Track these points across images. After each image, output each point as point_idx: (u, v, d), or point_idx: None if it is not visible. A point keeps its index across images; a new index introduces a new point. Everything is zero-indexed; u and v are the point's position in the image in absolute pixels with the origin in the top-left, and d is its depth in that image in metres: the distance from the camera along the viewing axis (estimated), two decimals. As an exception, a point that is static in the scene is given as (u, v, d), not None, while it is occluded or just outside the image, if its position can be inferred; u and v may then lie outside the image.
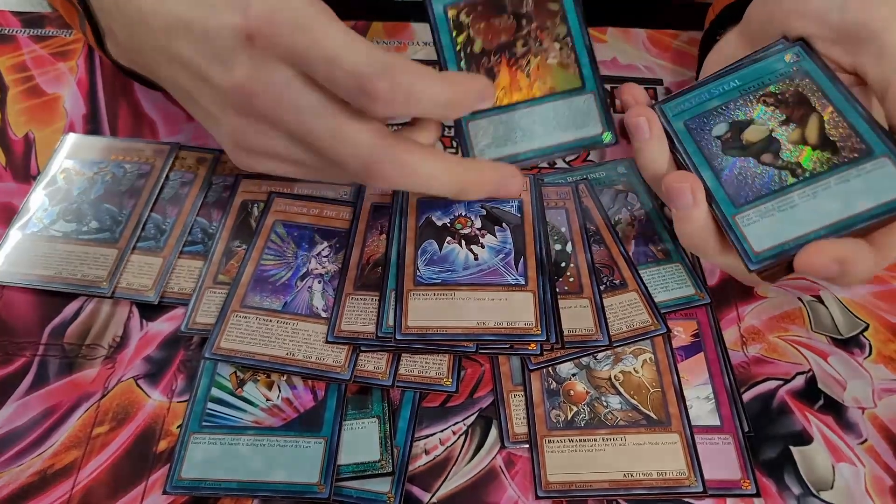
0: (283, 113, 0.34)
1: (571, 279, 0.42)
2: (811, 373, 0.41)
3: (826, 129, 0.37)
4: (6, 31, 0.55)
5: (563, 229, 0.44)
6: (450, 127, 0.47)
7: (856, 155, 0.35)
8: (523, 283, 0.40)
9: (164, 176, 0.47)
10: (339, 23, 0.32)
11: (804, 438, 0.38)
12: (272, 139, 0.35)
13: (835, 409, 0.39)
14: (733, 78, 0.40)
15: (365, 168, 0.34)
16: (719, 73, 0.40)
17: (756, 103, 0.39)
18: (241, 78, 0.33)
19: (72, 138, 0.49)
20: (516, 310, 0.39)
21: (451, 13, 0.42)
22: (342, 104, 0.33)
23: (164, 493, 0.36)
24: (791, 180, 0.36)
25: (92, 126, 0.50)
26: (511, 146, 0.39)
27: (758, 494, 0.36)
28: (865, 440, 0.38)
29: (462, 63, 0.41)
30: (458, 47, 0.41)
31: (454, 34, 0.42)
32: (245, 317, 0.41)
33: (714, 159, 0.38)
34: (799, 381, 0.40)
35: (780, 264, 0.35)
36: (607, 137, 0.39)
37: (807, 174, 0.36)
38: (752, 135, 0.38)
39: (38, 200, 0.46)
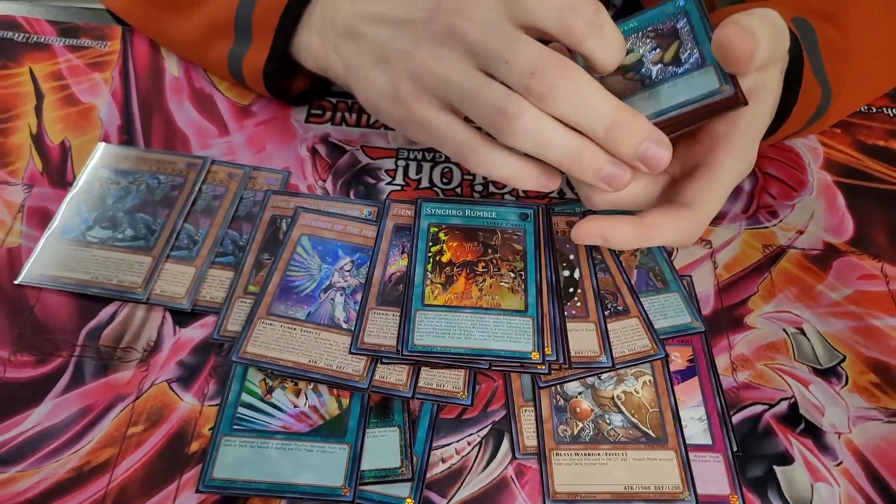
0: (476, 24, 0.38)
1: (579, 304, 0.45)
2: (794, 399, 0.44)
3: (680, 52, 0.42)
4: (43, 40, 0.57)
5: (572, 257, 0.47)
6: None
7: (691, 67, 0.41)
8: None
9: (197, 188, 0.49)
10: None
11: (786, 459, 0.42)
12: (455, 65, 0.40)
13: (814, 433, 0.43)
14: (632, 20, 0.44)
15: (543, 80, 0.37)
16: (627, 16, 0.45)
17: (642, 37, 0.43)
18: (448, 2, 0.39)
19: (107, 148, 0.51)
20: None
21: (433, 229, 0.48)
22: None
23: (197, 491, 0.38)
24: (639, 88, 0.42)
25: (126, 137, 0.52)
26: (447, 339, 0.43)
27: (744, 509, 0.40)
28: (841, 462, 0.42)
29: (429, 266, 0.46)
30: (430, 254, 0.47)
31: (430, 244, 0.47)
32: (271, 324, 0.43)
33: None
34: (783, 406, 0.44)
35: None
36: (536, 356, 0.42)
37: (652, 83, 0.42)
38: (627, 59, 0.43)
39: (74, 206, 0.48)
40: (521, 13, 0.38)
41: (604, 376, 0.43)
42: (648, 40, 0.43)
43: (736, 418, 0.43)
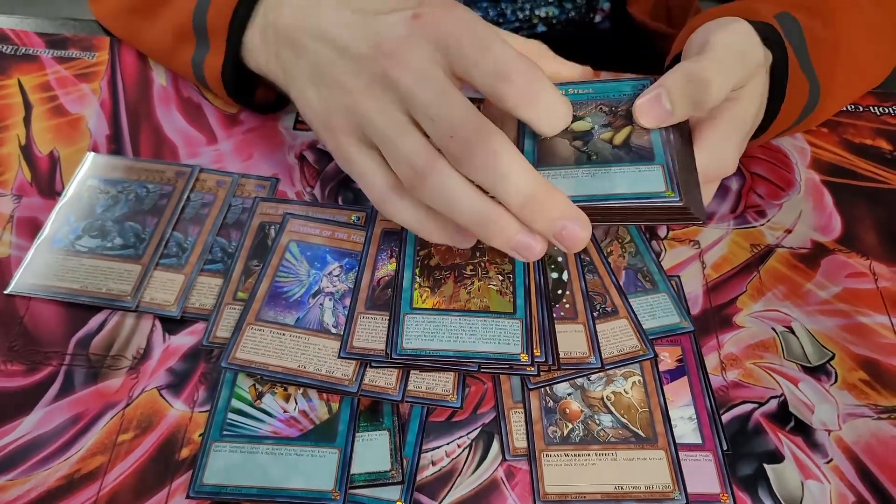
0: (410, 73, 0.37)
1: (567, 305, 0.46)
2: (783, 397, 0.44)
3: (630, 139, 0.41)
4: (31, 52, 0.57)
5: (560, 258, 0.48)
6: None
7: (638, 158, 0.40)
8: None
9: (186, 197, 0.49)
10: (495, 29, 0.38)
11: (776, 457, 0.42)
12: (384, 108, 0.39)
13: (804, 431, 0.43)
14: (591, 86, 0.44)
15: (462, 144, 0.36)
16: (583, 81, 0.45)
17: (595, 109, 0.43)
18: (390, 42, 0.38)
19: (96, 157, 0.51)
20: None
21: None
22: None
23: (188, 497, 0.38)
24: (584, 161, 0.40)
25: (115, 146, 0.52)
26: (436, 342, 0.43)
27: (735, 507, 0.40)
28: (831, 460, 0.42)
29: (417, 269, 0.46)
30: (418, 258, 0.47)
31: (418, 248, 0.47)
32: (260, 330, 0.43)
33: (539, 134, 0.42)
34: (772, 405, 0.44)
35: None
36: (525, 358, 0.43)
37: (598, 160, 0.40)
38: (577, 126, 0.42)
39: (63, 216, 0.48)
40: (459, 69, 0.38)
41: (593, 377, 0.44)
42: (602, 115, 0.42)
43: (726, 417, 0.43)
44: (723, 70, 0.40)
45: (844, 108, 0.60)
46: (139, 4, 0.54)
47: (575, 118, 0.42)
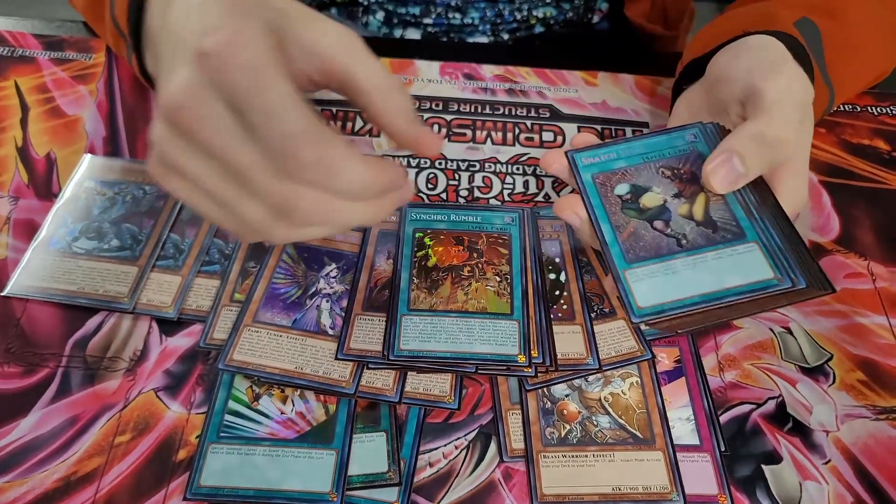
0: (203, 131, 0.32)
1: (565, 307, 0.45)
2: (781, 398, 0.44)
3: (709, 210, 0.41)
4: (27, 53, 0.57)
5: (558, 260, 0.48)
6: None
7: (730, 236, 0.40)
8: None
9: (183, 198, 0.49)
10: (287, 79, 0.31)
11: (774, 458, 0.42)
12: (189, 158, 0.33)
13: (802, 432, 0.43)
14: (641, 144, 0.45)
15: (278, 201, 0.32)
16: (630, 137, 0.45)
17: (656, 173, 0.43)
18: (173, 87, 0.32)
19: (93, 159, 0.51)
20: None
21: (418, 234, 0.48)
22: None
23: (185, 499, 0.38)
24: (676, 249, 0.41)
25: (111, 148, 0.52)
26: (433, 343, 0.43)
27: (733, 508, 0.40)
28: (829, 461, 0.42)
29: (414, 271, 0.46)
30: (416, 259, 0.47)
31: (415, 249, 0.47)
32: (257, 331, 0.43)
33: (613, 215, 0.43)
34: (770, 406, 0.44)
35: (659, 322, 0.40)
36: (522, 359, 0.43)
37: (689, 246, 0.41)
38: (648, 200, 0.43)
39: (60, 218, 0.48)
40: (247, 123, 0.31)
41: (591, 378, 0.43)
42: (668, 181, 0.42)
43: (723, 418, 0.43)
44: (794, 128, 0.41)
45: (842, 109, 0.60)
46: (91, 9, 0.54)
47: (640, 188, 0.43)
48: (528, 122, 0.57)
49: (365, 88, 0.35)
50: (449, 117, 0.57)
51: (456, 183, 0.53)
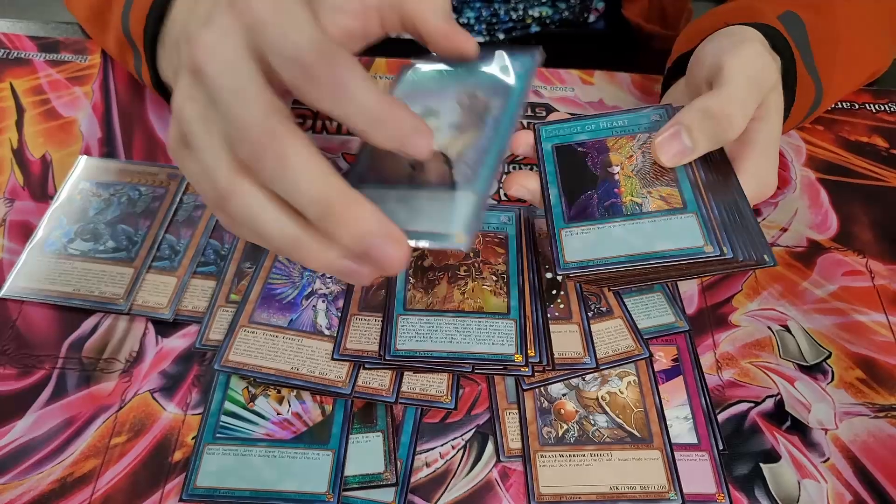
0: (215, 66, 0.31)
1: (562, 305, 0.45)
2: (779, 396, 0.44)
3: (463, 153, 0.37)
4: (23, 55, 0.57)
5: (554, 259, 0.47)
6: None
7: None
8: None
9: (178, 199, 0.49)
10: (309, 13, 0.30)
11: (773, 456, 0.41)
12: (198, 113, 0.32)
13: (800, 430, 0.42)
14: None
15: (251, 150, 0.30)
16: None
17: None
18: (206, 33, 0.31)
19: (88, 160, 0.51)
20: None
21: None
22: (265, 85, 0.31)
23: (181, 500, 0.38)
24: (404, 183, 0.36)
25: (107, 149, 0.52)
26: (430, 343, 0.42)
27: (731, 507, 0.39)
28: (828, 459, 0.41)
29: (410, 270, 0.46)
30: (412, 259, 0.46)
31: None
32: (253, 332, 0.43)
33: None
34: (768, 404, 0.43)
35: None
36: (519, 358, 0.42)
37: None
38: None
39: (55, 220, 0.48)
40: (265, 51, 0.31)
41: (588, 377, 0.43)
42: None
43: (721, 416, 0.43)
44: (742, 103, 0.41)
45: (840, 106, 0.59)
46: (92, 18, 0.54)
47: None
48: (525, 121, 0.57)
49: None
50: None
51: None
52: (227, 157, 0.31)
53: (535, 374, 0.42)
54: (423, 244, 0.32)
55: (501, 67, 0.39)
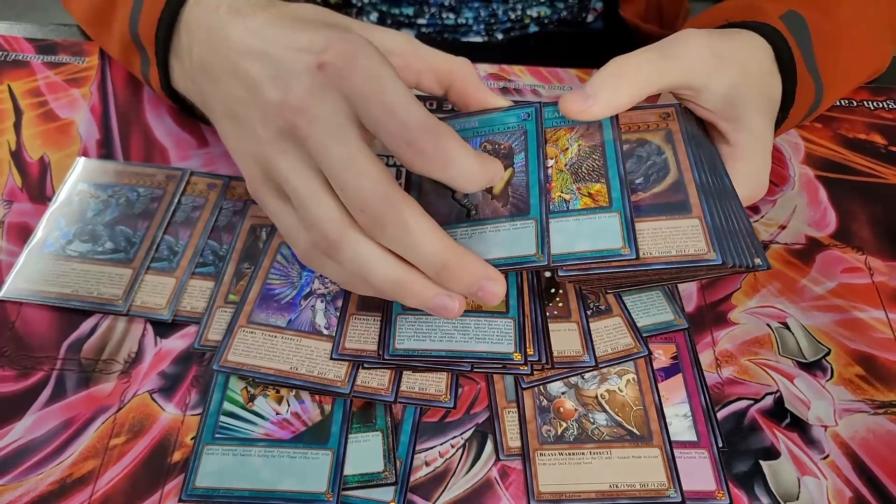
0: (318, 131, 0.35)
1: (561, 304, 0.45)
2: (779, 393, 0.44)
3: (508, 186, 0.41)
4: (20, 57, 0.57)
5: (553, 257, 0.47)
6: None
7: (516, 212, 0.40)
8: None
9: (177, 200, 0.49)
10: (403, 83, 0.35)
11: (772, 453, 0.41)
12: (295, 166, 0.36)
13: (800, 427, 0.42)
14: (478, 119, 0.44)
15: (371, 218, 0.35)
16: (474, 112, 0.44)
17: (478, 147, 0.43)
18: (298, 94, 0.35)
19: (86, 162, 0.51)
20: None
21: None
22: (371, 152, 0.35)
23: (180, 500, 0.38)
24: (464, 218, 0.41)
25: (105, 151, 0.52)
26: (429, 342, 0.42)
27: (731, 505, 0.39)
28: (828, 455, 0.41)
29: None
30: None
31: None
32: (251, 332, 0.43)
33: (423, 184, 0.44)
34: (768, 401, 0.43)
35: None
36: (518, 357, 0.42)
37: (477, 216, 0.41)
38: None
39: (53, 221, 0.48)
40: (368, 127, 0.35)
41: (587, 375, 0.43)
42: (486, 154, 0.41)
43: (721, 414, 0.43)
44: (764, 168, 0.45)
45: (838, 103, 0.59)
46: (94, 18, 0.54)
47: None
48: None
49: (446, 70, 0.43)
50: (443, 116, 0.56)
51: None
52: (337, 212, 0.36)
53: (534, 372, 0.42)
54: (509, 269, 0.39)
55: (509, 113, 0.44)
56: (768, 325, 0.47)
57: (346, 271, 0.38)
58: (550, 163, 0.42)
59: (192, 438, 0.41)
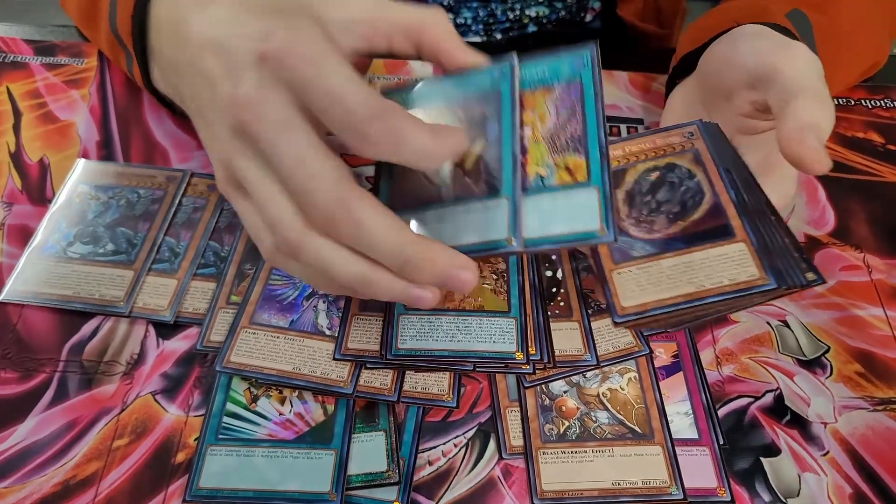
0: (267, 129, 0.33)
1: (562, 303, 0.45)
2: (779, 391, 0.44)
3: (480, 160, 0.37)
4: (19, 59, 0.57)
5: (554, 257, 0.48)
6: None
7: (488, 190, 0.36)
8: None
9: (178, 201, 0.49)
10: (348, 65, 0.33)
11: (773, 450, 0.42)
12: (251, 166, 0.34)
13: (800, 424, 0.43)
14: (448, 81, 0.39)
15: (325, 217, 0.33)
16: (438, 77, 0.39)
17: (452, 116, 0.38)
18: (246, 89, 0.33)
19: (86, 164, 0.51)
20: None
21: None
22: (324, 142, 0.34)
23: (184, 501, 0.38)
24: (436, 200, 0.37)
25: (105, 152, 0.52)
26: (431, 342, 0.42)
27: (732, 502, 0.39)
28: (828, 452, 0.42)
29: None
30: None
31: None
32: (254, 333, 0.43)
33: (393, 166, 0.39)
34: (768, 398, 0.44)
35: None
36: (520, 356, 0.42)
37: (442, 198, 0.37)
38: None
39: (54, 223, 0.48)
40: (316, 112, 0.33)
41: (589, 374, 0.43)
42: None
43: (722, 412, 0.43)
44: (827, 97, 0.40)
45: (836, 102, 0.60)
46: (83, 16, 0.53)
47: None
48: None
49: (415, 26, 0.37)
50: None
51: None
52: (295, 213, 0.34)
53: (536, 371, 0.43)
54: (482, 255, 0.35)
55: (484, 74, 0.38)
56: (768, 323, 0.47)
57: (311, 271, 0.36)
58: (528, 131, 0.37)
59: (195, 439, 0.41)
